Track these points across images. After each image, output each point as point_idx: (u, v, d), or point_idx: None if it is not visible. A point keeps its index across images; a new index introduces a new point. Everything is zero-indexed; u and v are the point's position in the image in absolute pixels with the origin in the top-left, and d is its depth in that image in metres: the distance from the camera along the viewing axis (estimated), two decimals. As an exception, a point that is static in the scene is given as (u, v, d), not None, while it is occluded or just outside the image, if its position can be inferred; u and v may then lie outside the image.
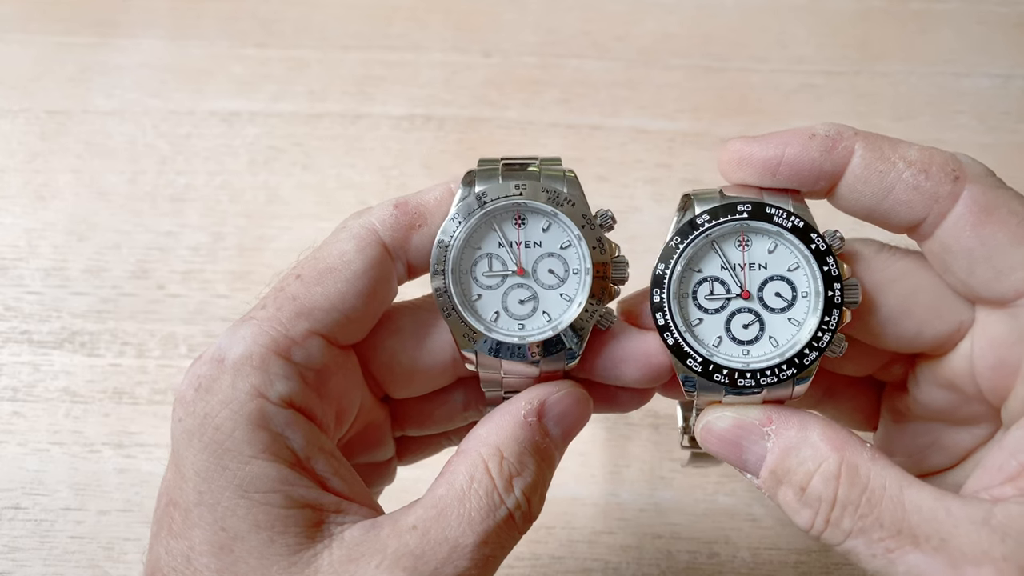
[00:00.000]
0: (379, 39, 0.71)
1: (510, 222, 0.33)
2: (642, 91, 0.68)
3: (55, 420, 0.56)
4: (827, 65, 0.70)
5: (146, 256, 0.62)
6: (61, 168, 0.65)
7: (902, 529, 0.27)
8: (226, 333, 0.31)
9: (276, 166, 0.65)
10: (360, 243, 0.32)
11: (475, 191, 0.33)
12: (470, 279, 0.33)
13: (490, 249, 0.33)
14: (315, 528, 0.29)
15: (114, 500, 0.53)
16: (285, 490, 0.29)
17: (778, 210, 0.31)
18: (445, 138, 0.66)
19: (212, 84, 0.69)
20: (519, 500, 0.30)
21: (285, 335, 0.31)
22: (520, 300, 0.33)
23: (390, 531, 0.29)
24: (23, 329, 0.59)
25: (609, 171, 0.65)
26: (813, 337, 0.30)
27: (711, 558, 0.52)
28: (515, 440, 0.31)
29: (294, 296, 0.31)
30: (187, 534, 0.29)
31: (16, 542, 0.52)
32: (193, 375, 0.31)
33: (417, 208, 0.33)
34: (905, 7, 0.72)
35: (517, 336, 0.33)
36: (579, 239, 0.33)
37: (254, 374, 0.30)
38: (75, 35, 0.71)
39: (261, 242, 0.62)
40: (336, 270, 0.32)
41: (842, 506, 0.28)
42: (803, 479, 0.29)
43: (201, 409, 0.30)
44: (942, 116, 0.67)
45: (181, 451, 0.30)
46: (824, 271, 0.30)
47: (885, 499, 0.28)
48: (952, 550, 0.27)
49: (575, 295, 0.33)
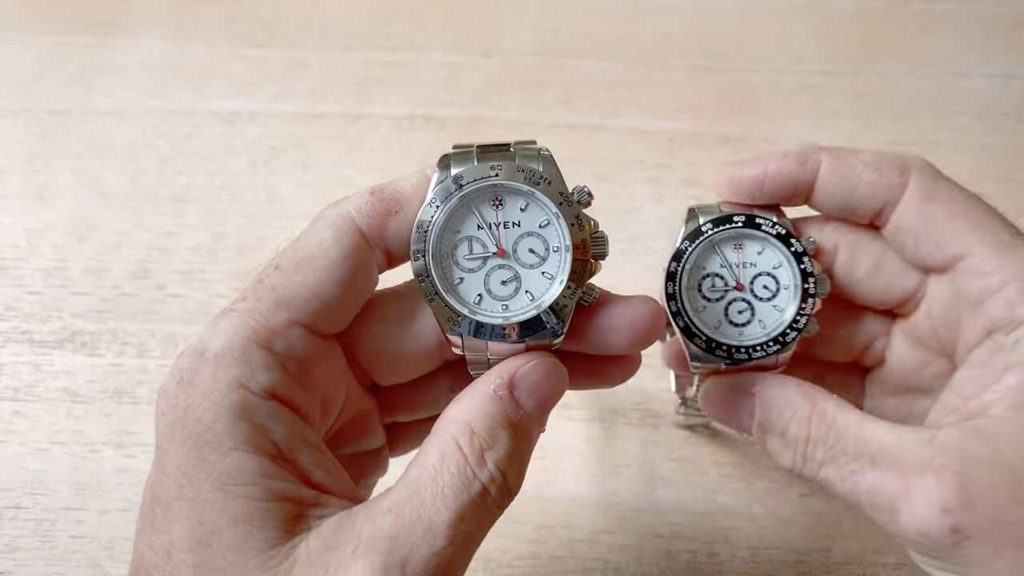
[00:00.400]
0: (379, 39, 0.71)
1: (488, 204, 0.33)
2: (642, 91, 0.69)
3: (56, 420, 0.56)
4: (827, 65, 0.70)
5: (146, 256, 0.62)
6: (61, 168, 0.65)
7: (862, 454, 0.33)
8: (207, 326, 0.31)
9: (276, 166, 0.65)
10: (337, 231, 0.32)
11: (451, 174, 0.33)
12: (451, 263, 0.33)
13: (469, 232, 0.33)
14: (294, 522, 0.29)
15: (115, 500, 0.53)
16: (265, 483, 0.29)
17: (766, 220, 0.38)
18: (445, 138, 0.66)
19: (212, 84, 0.69)
20: (492, 473, 0.30)
21: (266, 325, 0.31)
22: (502, 281, 0.33)
23: (364, 517, 0.29)
24: (24, 329, 0.59)
25: (609, 171, 0.65)
26: (793, 320, 0.38)
27: (711, 557, 0.52)
28: (485, 415, 0.31)
29: (273, 287, 0.32)
30: (168, 529, 0.29)
31: (17, 542, 0.52)
32: (175, 369, 0.31)
33: (393, 195, 0.33)
34: (905, 7, 0.72)
35: (501, 317, 0.33)
36: (557, 217, 0.33)
37: (235, 365, 0.30)
38: (75, 35, 0.71)
39: (261, 242, 0.62)
40: (314, 259, 0.32)
41: (814, 442, 0.35)
42: (783, 425, 0.36)
43: (183, 401, 0.30)
44: (941, 116, 0.67)
45: (164, 445, 0.30)
46: (801, 268, 0.38)
47: (848, 433, 0.34)
48: (901, 465, 0.32)
49: (556, 273, 0.33)
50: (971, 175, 0.64)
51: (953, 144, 0.66)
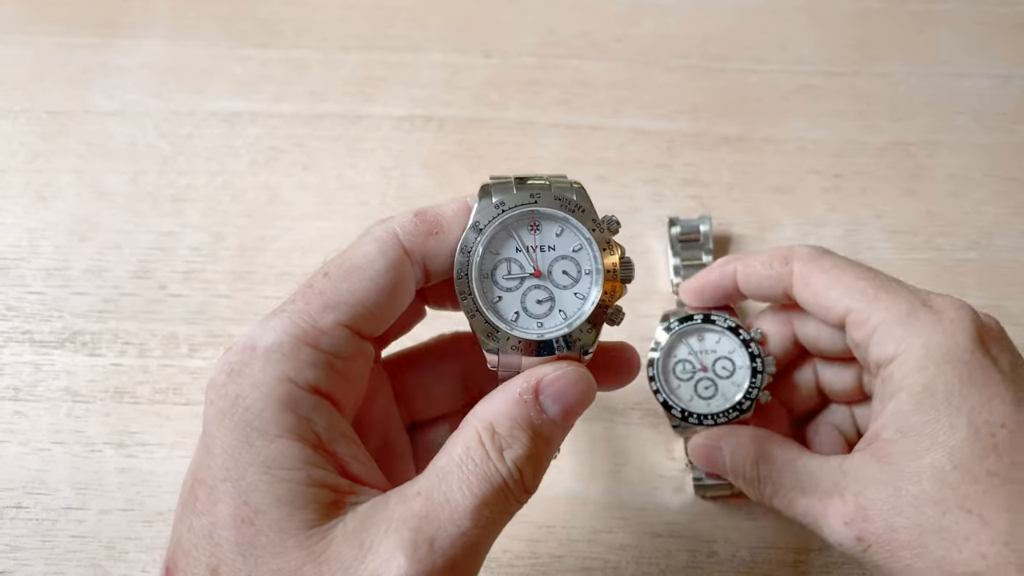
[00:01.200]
0: (379, 40, 0.71)
1: (526, 228, 0.36)
2: (642, 91, 0.69)
3: (56, 420, 0.56)
4: (826, 65, 0.70)
5: (147, 256, 0.62)
6: (62, 168, 0.65)
7: (795, 485, 0.42)
8: (257, 324, 0.34)
9: (277, 166, 0.65)
10: (382, 246, 0.35)
11: (492, 201, 0.35)
12: (491, 282, 0.36)
13: (509, 254, 0.36)
14: (332, 507, 0.31)
15: (115, 499, 0.53)
16: (307, 469, 0.31)
17: (719, 317, 0.50)
18: (445, 138, 0.67)
19: (213, 84, 0.69)
20: (511, 470, 0.32)
21: (314, 326, 0.33)
22: (538, 300, 0.36)
23: (396, 499, 0.31)
24: (25, 329, 0.59)
25: (609, 171, 0.65)
26: (746, 393, 0.49)
27: (711, 557, 0.52)
28: (508, 416, 0.33)
29: (322, 291, 0.34)
30: (211, 510, 0.31)
31: (17, 541, 0.52)
32: (225, 362, 0.33)
33: (435, 217, 0.36)
34: (904, 8, 0.73)
35: (536, 334, 0.35)
36: (589, 242, 0.36)
37: (284, 360, 0.32)
38: (75, 35, 0.71)
39: (262, 242, 0.62)
40: (360, 269, 0.35)
41: (763, 480, 0.44)
42: (740, 468, 0.46)
43: (232, 391, 0.32)
44: (941, 116, 0.67)
45: (211, 430, 0.32)
46: (750, 352, 0.49)
47: (785, 469, 0.43)
48: (819, 491, 0.41)
49: (588, 294, 0.36)
50: (971, 175, 0.64)
51: (953, 144, 0.66)
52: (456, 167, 0.65)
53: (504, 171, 0.38)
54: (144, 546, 0.52)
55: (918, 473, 0.37)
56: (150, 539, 0.52)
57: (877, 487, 0.38)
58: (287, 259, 0.62)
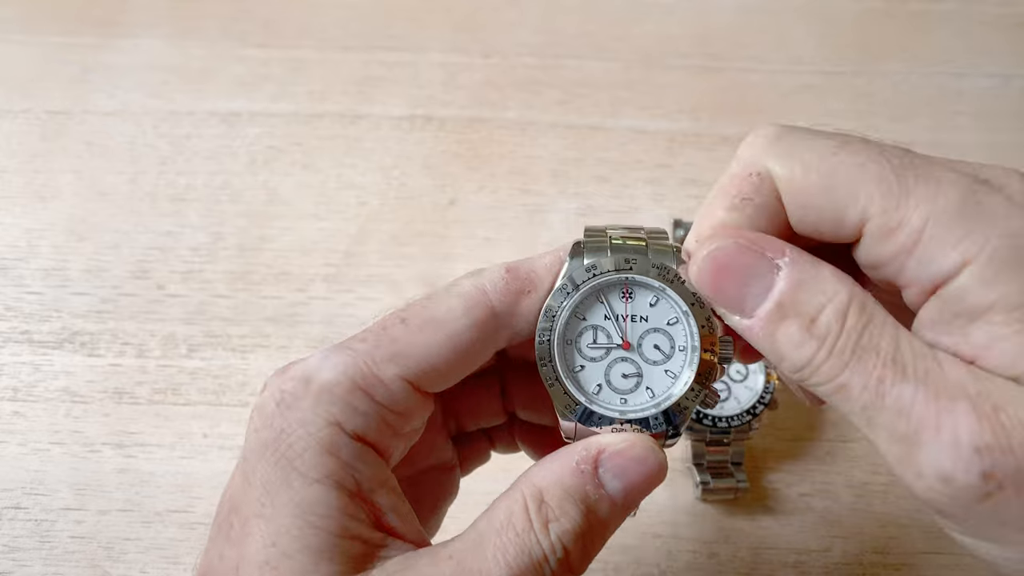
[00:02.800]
0: (379, 39, 0.71)
1: (618, 295, 0.33)
2: (642, 91, 0.69)
3: (55, 420, 0.56)
4: (826, 65, 0.70)
5: (146, 256, 0.62)
6: (61, 168, 0.65)
7: (896, 358, 0.27)
8: (320, 355, 0.32)
9: (276, 166, 0.65)
10: (468, 302, 0.32)
11: (584, 262, 0.33)
12: (574, 350, 0.33)
13: (596, 321, 0.33)
14: (361, 560, 0.30)
15: (114, 500, 0.53)
16: (340, 518, 0.30)
17: None
18: (445, 138, 0.66)
19: (212, 84, 0.69)
20: (554, 545, 0.29)
21: (375, 373, 0.31)
22: (624, 375, 0.33)
23: (428, 560, 0.29)
24: (23, 329, 0.59)
25: (609, 171, 0.65)
26: None
27: (711, 558, 0.52)
28: (560, 485, 0.30)
29: (395, 339, 0.32)
30: (242, 543, 0.30)
31: (16, 542, 0.52)
32: (277, 388, 0.31)
33: (528, 274, 0.33)
34: (904, 8, 0.72)
35: (618, 411, 0.32)
36: (687, 315, 0.32)
37: (336, 403, 0.30)
38: (75, 35, 0.71)
39: (261, 242, 0.62)
40: (441, 323, 0.32)
41: (848, 334, 0.28)
42: (815, 310, 0.29)
43: (279, 424, 0.30)
44: (941, 116, 0.67)
45: (252, 460, 0.30)
46: None
47: (885, 332, 0.28)
48: (936, 382, 0.27)
49: (681, 373, 0.33)
50: (971, 175, 0.64)
51: (953, 144, 0.66)
52: (456, 167, 0.65)
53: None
54: (143, 546, 0.52)
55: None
56: (149, 539, 0.52)
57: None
58: (286, 259, 0.61)
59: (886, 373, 0.27)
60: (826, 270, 0.29)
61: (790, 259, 0.29)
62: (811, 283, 0.29)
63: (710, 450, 0.52)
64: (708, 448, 0.52)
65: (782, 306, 0.29)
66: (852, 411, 0.28)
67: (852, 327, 0.28)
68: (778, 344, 0.29)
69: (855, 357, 0.28)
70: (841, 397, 0.28)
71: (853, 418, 0.28)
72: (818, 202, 0.30)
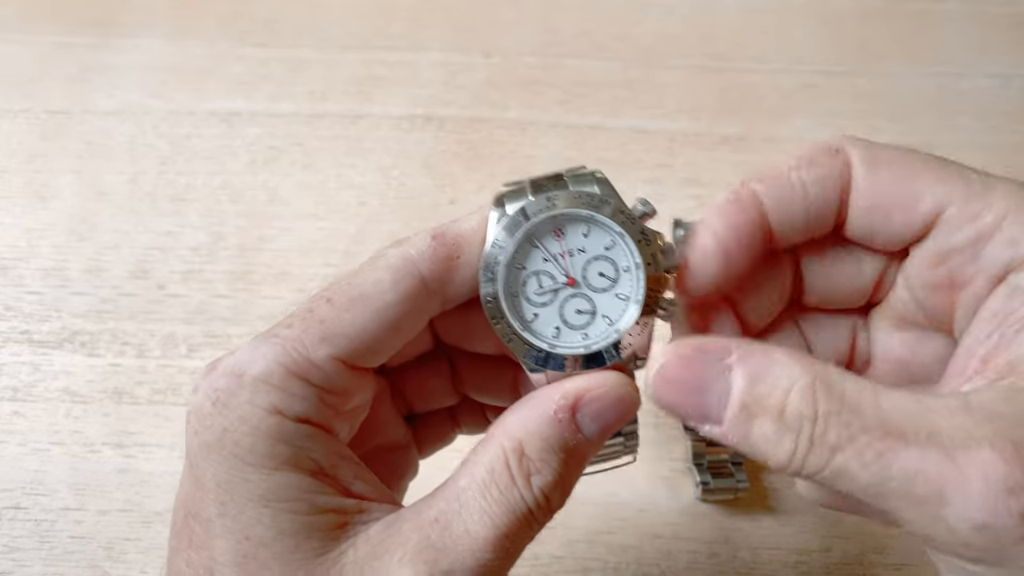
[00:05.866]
0: (379, 39, 0.71)
1: (550, 235, 0.32)
2: (642, 91, 0.69)
3: (55, 420, 0.56)
4: (827, 65, 0.70)
5: (146, 256, 0.62)
6: (61, 168, 0.65)
7: (889, 430, 0.26)
8: (247, 347, 0.31)
9: (276, 166, 0.65)
10: (396, 274, 0.31)
11: (507, 211, 0.32)
12: (522, 300, 0.32)
13: (536, 267, 0.32)
14: (340, 530, 0.30)
15: (114, 500, 0.53)
16: (308, 498, 0.29)
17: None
18: (445, 138, 0.66)
19: (212, 84, 0.69)
20: (537, 497, 0.30)
21: (307, 357, 0.31)
22: (578, 310, 0.32)
23: (412, 524, 0.29)
24: (23, 329, 0.59)
25: (609, 171, 0.64)
26: None
27: (711, 558, 0.52)
28: (540, 436, 0.30)
29: (321, 319, 0.31)
30: (209, 545, 0.29)
31: (16, 542, 0.52)
32: (210, 387, 0.30)
33: (455, 239, 0.32)
34: (905, 7, 0.72)
35: (583, 347, 0.32)
36: (622, 236, 0.32)
37: (273, 392, 0.30)
38: (75, 35, 0.71)
39: (261, 242, 0.62)
40: (368, 298, 0.31)
41: (825, 419, 0.26)
42: (779, 400, 0.27)
43: (219, 423, 0.30)
44: (942, 116, 0.67)
45: (200, 464, 0.30)
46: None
47: (865, 405, 0.26)
48: (942, 440, 0.25)
49: (631, 293, 0.32)
50: (971, 175, 0.64)
51: (953, 144, 0.66)
52: (456, 167, 0.65)
53: (512, 171, 0.34)
54: (143, 547, 0.52)
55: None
56: (149, 539, 0.52)
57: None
58: (286, 259, 0.61)
59: (884, 446, 0.25)
60: (778, 354, 0.28)
61: (738, 356, 0.28)
62: (766, 374, 0.28)
63: (710, 450, 0.52)
64: (708, 448, 0.52)
65: (746, 406, 0.28)
66: (857, 490, 0.26)
67: (827, 410, 0.26)
68: (756, 445, 0.28)
69: (844, 439, 0.26)
70: (843, 481, 0.26)
71: (860, 495, 0.26)
72: (891, 189, 0.31)
